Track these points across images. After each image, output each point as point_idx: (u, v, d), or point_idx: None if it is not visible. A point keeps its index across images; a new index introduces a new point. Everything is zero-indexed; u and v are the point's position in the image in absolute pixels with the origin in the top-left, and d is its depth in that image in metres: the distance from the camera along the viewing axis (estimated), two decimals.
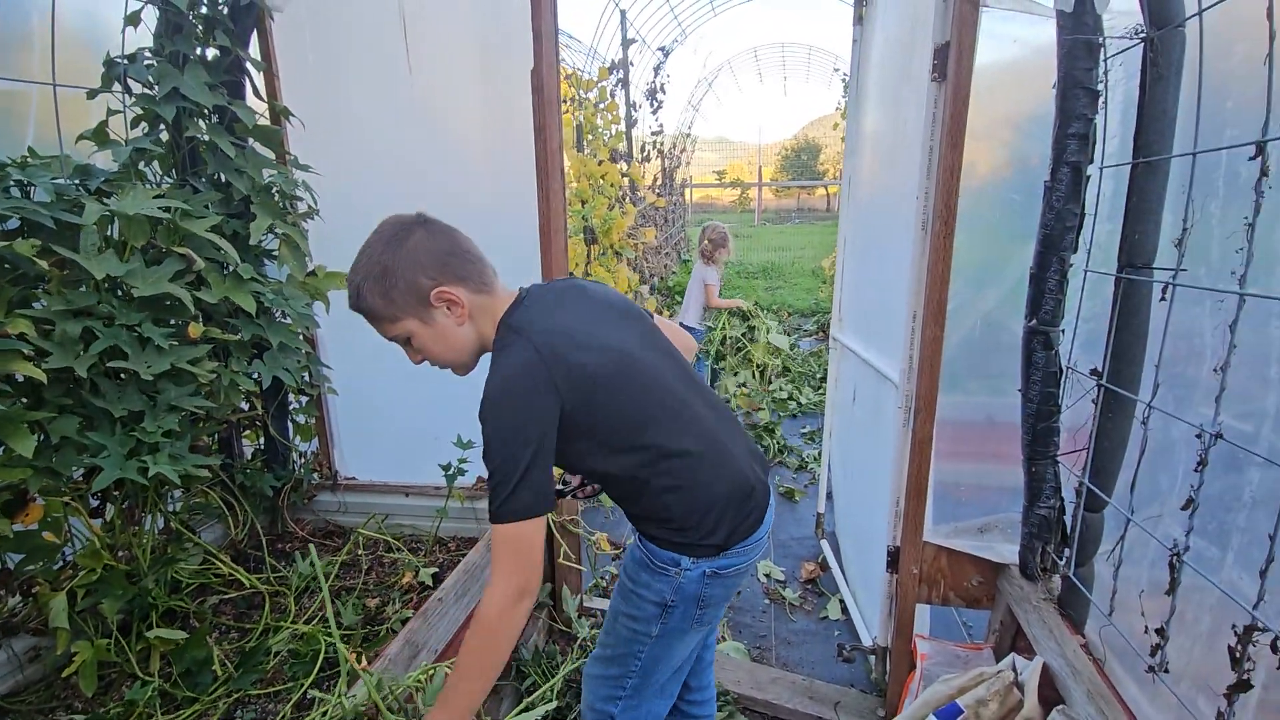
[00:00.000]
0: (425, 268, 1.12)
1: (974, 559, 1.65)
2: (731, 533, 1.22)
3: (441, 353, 1.19)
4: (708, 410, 1.26)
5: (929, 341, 1.53)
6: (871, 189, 2.17)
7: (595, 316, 1.21)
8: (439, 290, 1.13)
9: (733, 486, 1.23)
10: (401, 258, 1.12)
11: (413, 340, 1.17)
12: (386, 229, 1.16)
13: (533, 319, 1.15)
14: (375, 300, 1.13)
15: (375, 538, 2.09)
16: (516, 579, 1.04)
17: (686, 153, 6.10)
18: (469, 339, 1.19)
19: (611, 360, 1.15)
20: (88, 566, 1.51)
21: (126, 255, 1.44)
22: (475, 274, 1.17)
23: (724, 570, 1.24)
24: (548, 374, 1.08)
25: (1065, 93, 1.30)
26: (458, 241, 1.18)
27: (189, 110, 1.63)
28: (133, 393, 1.44)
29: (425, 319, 1.15)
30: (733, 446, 1.26)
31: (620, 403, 1.14)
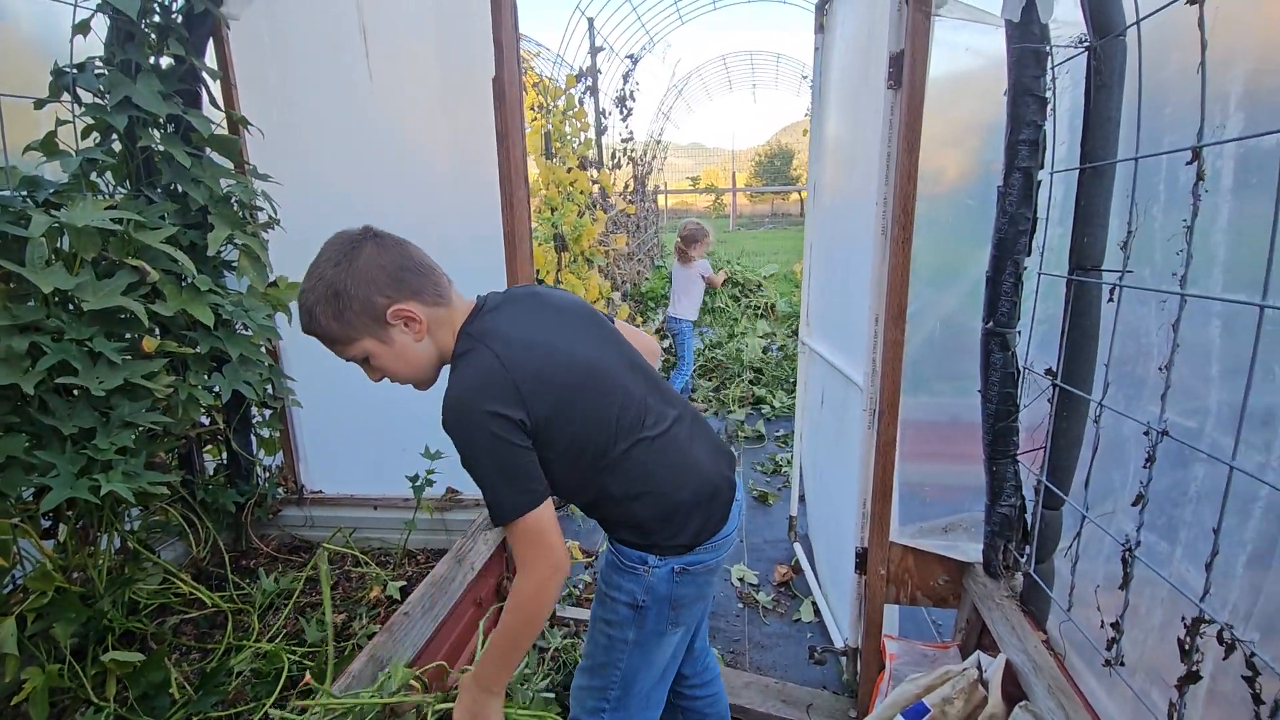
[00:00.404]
0: (379, 285, 1.10)
1: (940, 558, 1.67)
2: (699, 532, 1.23)
3: (401, 370, 1.18)
4: (671, 411, 1.26)
5: (890, 344, 1.55)
6: (835, 194, 2.20)
7: (555, 324, 1.21)
8: (395, 308, 1.11)
9: (698, 489, 1.24)
10: (353, 276, 1.09)
11: (371, 360, 1.15)
12: (334, 247, 1.13)
13: (492, 327, 1.15)
14: (329, 323, 1.11)
15: (342, 552, 2.06)
16: (541, 566, 1.08)
17: (658, 159, 6.14)
18: (428, 354, 1.18)
19: (572, 368, 1.15)
20: (38, 590, 1.46)
21: (76, 268, 1.41)
22: (430, 287, 1.16)
23: (693, 567, 1.25)
24: (509, 379, 1.08)
25: (1015, 100, 1.33)
26: (409, 254, 1.16)
27: (142, 120, 1.60)
28: (84, 409, 1.40)
29: (382, 338, 1.13)
30: (697, 448, 1.27)
31: (582, 411, 1.14)
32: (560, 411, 1.12)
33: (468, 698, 1.16)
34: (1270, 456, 0.89)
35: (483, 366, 1.09)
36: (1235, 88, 0.95)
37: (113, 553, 1.70)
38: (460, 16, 1.75)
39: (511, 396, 1.07)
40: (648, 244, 6.72)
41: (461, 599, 1.75)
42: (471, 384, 1.08)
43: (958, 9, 1.42)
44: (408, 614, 1.49)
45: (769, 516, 3.18)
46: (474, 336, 1.14)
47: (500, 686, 1.17)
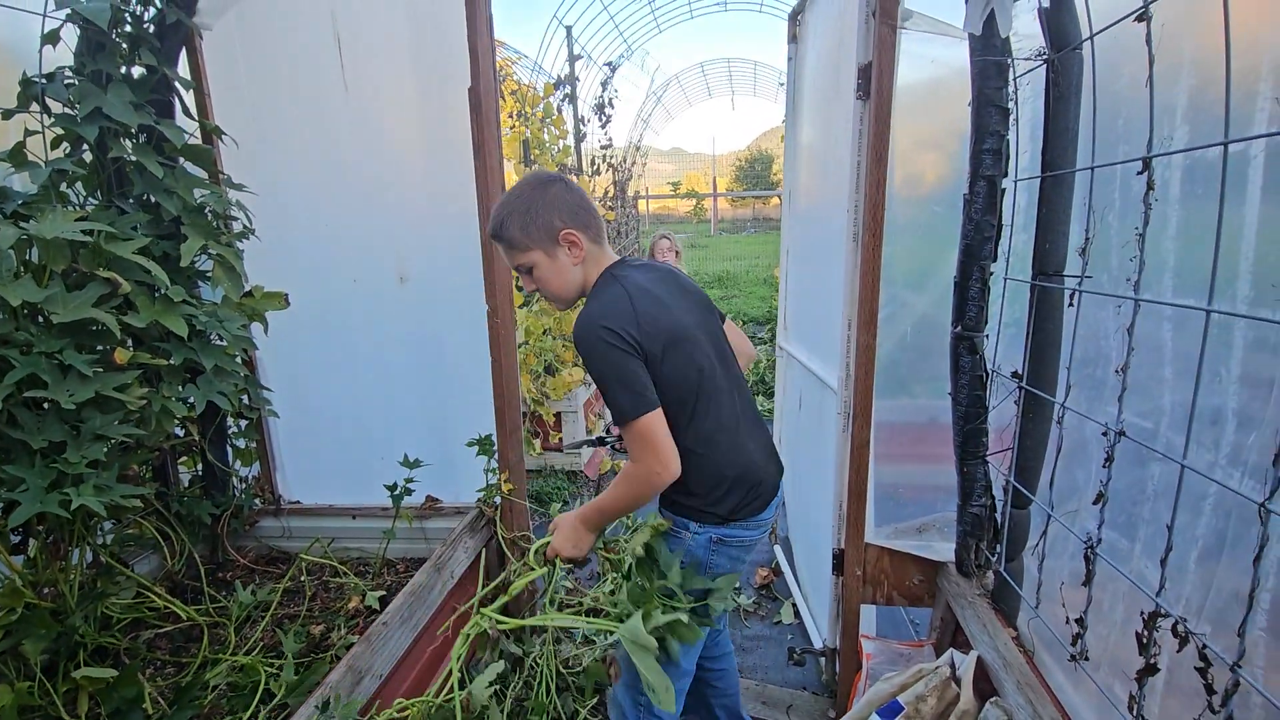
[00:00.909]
0: (560, 212, 1.36)
1: (914, 558, 1.70)
2: (736, 507, 1.40)
3: (555, 282, 1.40)
4: (741, 406, 1.46)
5: (863, 349, 1.58)
6: (809, 201, 2.24)
7: (678, 296, 1.43)
8: (567, 231, 1.36)
9: (744, 471, 1.41)
10: (544, 199, 1.35)
11: (534, 270, 1.38)
12: (534, 177, 1.40)
13: (630, 274, 1.39)
14: (515, 230, 1.36)
15: (320, 562, 2.05)
16: (647, 464, 1.28)
17: (638, 165, 6.18)
18: (577, 278, 1.41)
19: (680, 331, 1.35)
20: (6, 606, 1.44)
21: (45, 280, 1.39)
22: (595, 227, 1.41)
23: (728, 539, 1.42)
24: (633, 312, 1.30)
25: (979, 110, 1.37)
26: (586, 200, 1.42)
27: (113, 130, 1.59)
28: (53, 423, 1.39)
29: (550, 253, 1.37)
30: (750, 441, 1.45)
31: (676, 365, 1.33)
32: (662, 359, 1.31)
33: (568, 527, 1.44)
34: (1219, 455, 0.93)
35: (616, 295, 1.33)
36: (1181, 100, 0.99)
37: (84, 567, 1.68)
38: (436, 27, 1.76)
39: (631, 324, 1.29)
40: (628, 249, 6.74)
41: (441, 608, 1.75)
42: (605, 307, 1.32)
43: (923, 22, 1.46)
44: (386, 624, 1.49)
45: None
46: (614, 275, 1.39)
47: (597, 527, 1.44)
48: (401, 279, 1.98)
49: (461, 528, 1.97)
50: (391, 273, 1.97)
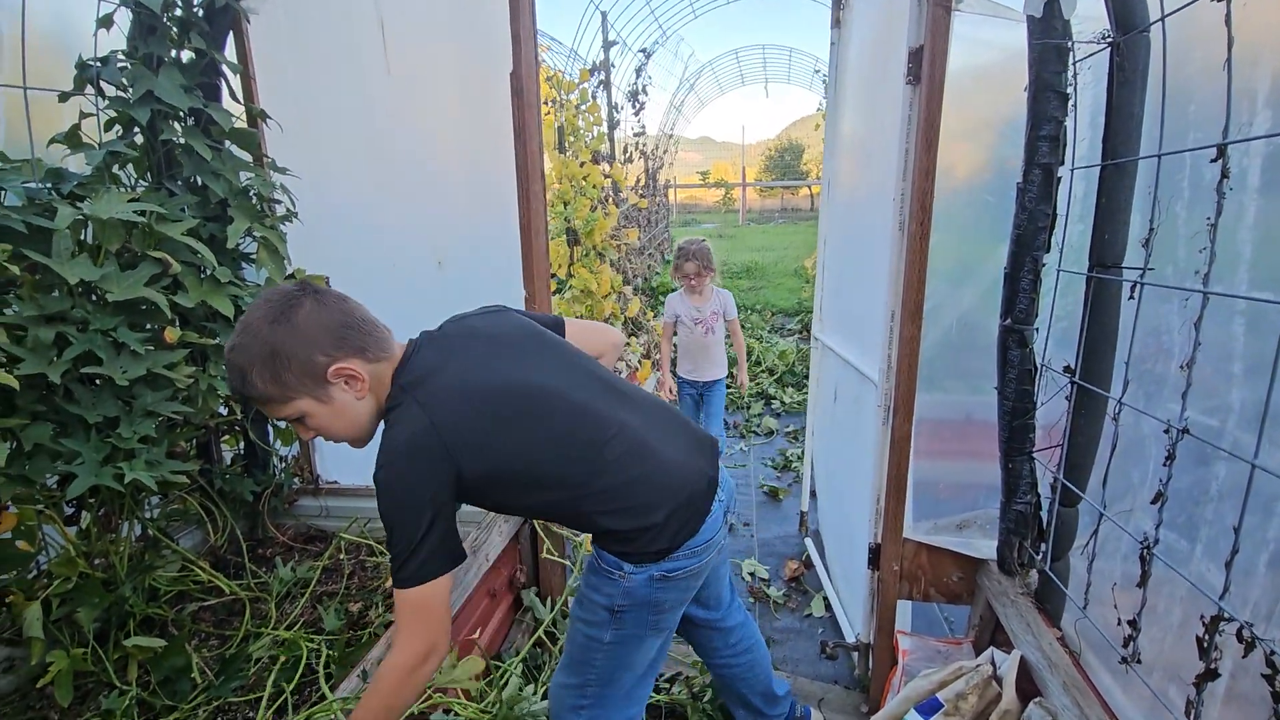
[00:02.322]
0: (319, 344, 1.05)
1: (954, 555, 1.67)
2: (675, 536, 1.19)
3: (338, 428, 1.12)
4: (635, 417, 1.22)
5: (906, 341, 1.55)
6: (850, 190, 2.20)
7: (490, 356, 1.17)
8: (337, 367, 1.06)
9: (673, 494, 1.19)
10: (292, 335, 1.04)
11: (306, 420, 1.09)
12: (267, 304, 1.07)
13: (421, 375, 1.11)
14: (265, 385, 1.04)
15: (357, 542, 2.08)
16: (422, 642, 1.03)
17: (669, 153, 6.12)
18: (368, 410, 1.13)
19: (511, 402, 1.11)
20: (62, 575, 1.49)
21: (101, 260, 1.42)
22: (373, 344, 1.11)
23: (673, 574, 1.20)
24: (439, 439, 1.04)
25: (1036, 96, 1.32)
26: (350, 310, 1.11)
27: (164, 113, 1.62)
28: (107, 398, 1.42)
29: (321, 397, 1.07)
30: (667, 451, 1.22)
31: (528, 445, 1.11)
32: (505, 453, 1.09)
33: None
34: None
35: (413, 429, 1.04)
36: (1262, 85, 0.95)
37: (133, 540, 1.73)
38: (478, 10, 1.75)
39: (441, 461, 1.04)
40: (659, 238, 6.71)
41: (475, 590, 1.76)
42: (401, 449, 1.03)
43: (978, 4, 1.41)
44: None
45: (779, 512, 3.18)
46: (403, 388, 1.09)
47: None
48: (440, 263, 1.99)
49: (495, 513, 1.98)
50: (429, 257, 1.98)
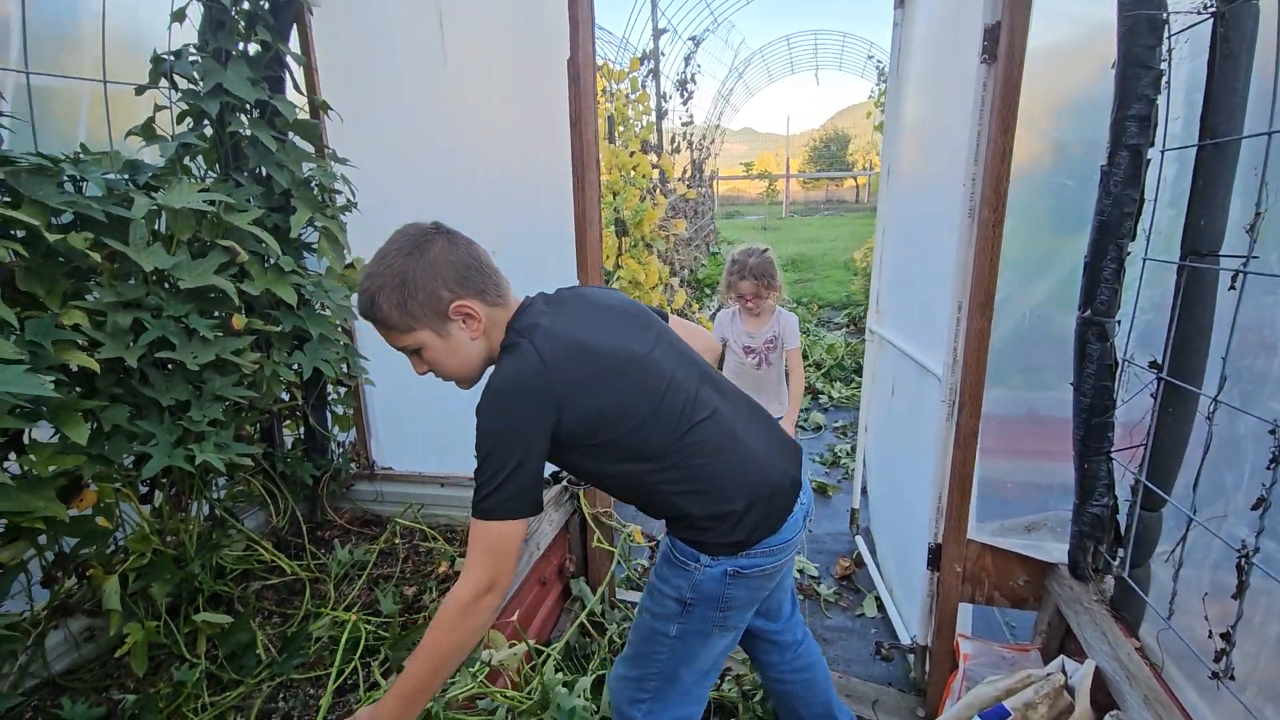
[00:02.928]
0: (446, 280, 1.10)
1: (1021, 558, 1.60)
2: (754, 530, 1.17)
3: (451, 365, 1.16)
4: (726, 406, 1.22)
5: (975, 334, 1.48)
6: (912, 177, 2.12)
7: (600, 320, 1.19)
8: (458, 304, 1.11)
9: (754, 486, 1.18)
10: (422, 268, 1.09)
11: (423, 352, 1.14)
12: (405, 237, 1.13)
13: (538, 323, 1.13)
14: (390, 310, 1.10)
15: (412, 527, 2.12)
16: (486, 576, 1.03)
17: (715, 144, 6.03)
18: (479, 352, 1.17)
19: (615, 365, 1.12)
20: (138, 551, 1.55)
21: (173, 248, 1.47)
22: (492, 287, 1.16)
23: (746, 570, 1.19)
24: (548, 382, 1.06)
25: (1125, 72, 1.24)
26: (476, 254, 1.16)
27: (232, 105, 1.66)
28: (179, 382, 1.47)
29: (440, 331, 1.13)
30: (754, 444, 1.22)
31: (625, 410, 1.12)
32: (602, 412, 1.10)
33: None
34: None
35: (524, 365, 1.07)
36: None
37: (201, 519, 1.79)
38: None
39: (547, 399, 1.06)
40: (704, 230, 6.64)
41: (527, 578, 1.77)
42: (511, 381, 1.06)
43: None
44: None
45: (829, 508, 3.12)
46: (520, 332, 1.13)
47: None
48: (494, 253, 1.99)
49: (547, 500, 1.99)
50: (486, 245, 1.98)
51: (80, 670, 1.55)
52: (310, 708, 1.43)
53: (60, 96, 1.67)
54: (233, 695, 1.45)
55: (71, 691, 1.45)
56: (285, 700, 1.45)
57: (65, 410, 1.24)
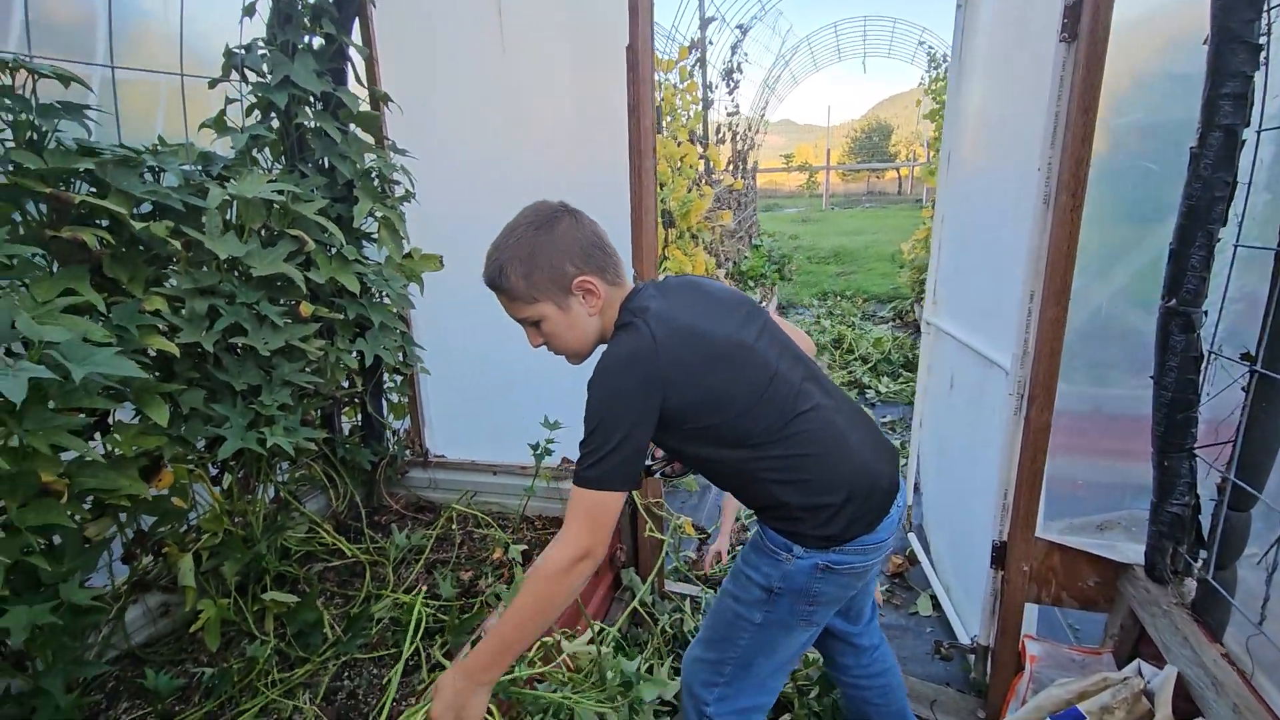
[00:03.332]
0: (571, 255, 1.14)
1: (1091, 558, 1.55)
2: (849, 525, 1.17)
3: (567, 339, 1.20)
4: (828, 401, 1.22)
5: (1049, 324, 1.43)
6: (976, 163, 2.05)
7: (710, 307, 1.20)
8: (581, 279, 1.14)
9: (853, 481, 1.18)
10: (550, 243, 1.13)
11: (542, 324, 1.18)
12: (534, 213, 1.17)
13: (651, 306, 1.15)
14: (517, 281, 1.14)
15: (465, 513, 2.15)
16: (584, 542, 1.05)
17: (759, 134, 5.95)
18: (595, 328, 1.21)
19: (723, 351, 1.14)
20: (210, 530, 1.60)
21: (245, 237, 1.51)
22: (612, 267, 1.20)
23: (838, 566, 1.19)
24: (658, 363, 1.08)
25: (1220, 48, 1.18)
26: (600, 234, 1.20)
27: (298, 97, 1.69)
28: (251, 367, 1.51)
29: (562, 305, 1.16)
30: (855, 441, 1.22)
31: (729, 395, 1.13)
32: (708, 398, 1.11)
33: (449, 690, 1.06)
34: None
35: (637, 344, 1.10)
36: None
37: (267, 502, 1.85)
38: None
39: (655, 383, 1.08)
40: (746, 222, 6.57)
41: None
42: (624, 358, 1.09)
43: None
44: None
45: None
46: (634, 312, 1.15)
47: (492, 678, 1.08)
48: None
49: None
50: None
51: (156, 644, 1.61)
52: (374, 686, 1.47)
53: (136, 91, 1.73)
54: (300, 672, 1.49)
55: (149, 663, 1.51)
56: (350, 679, 1.49)
57: (148, 393, 1.29)
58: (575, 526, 1.05)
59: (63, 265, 1.23)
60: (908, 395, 4.43)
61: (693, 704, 1.32)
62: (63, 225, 1.21)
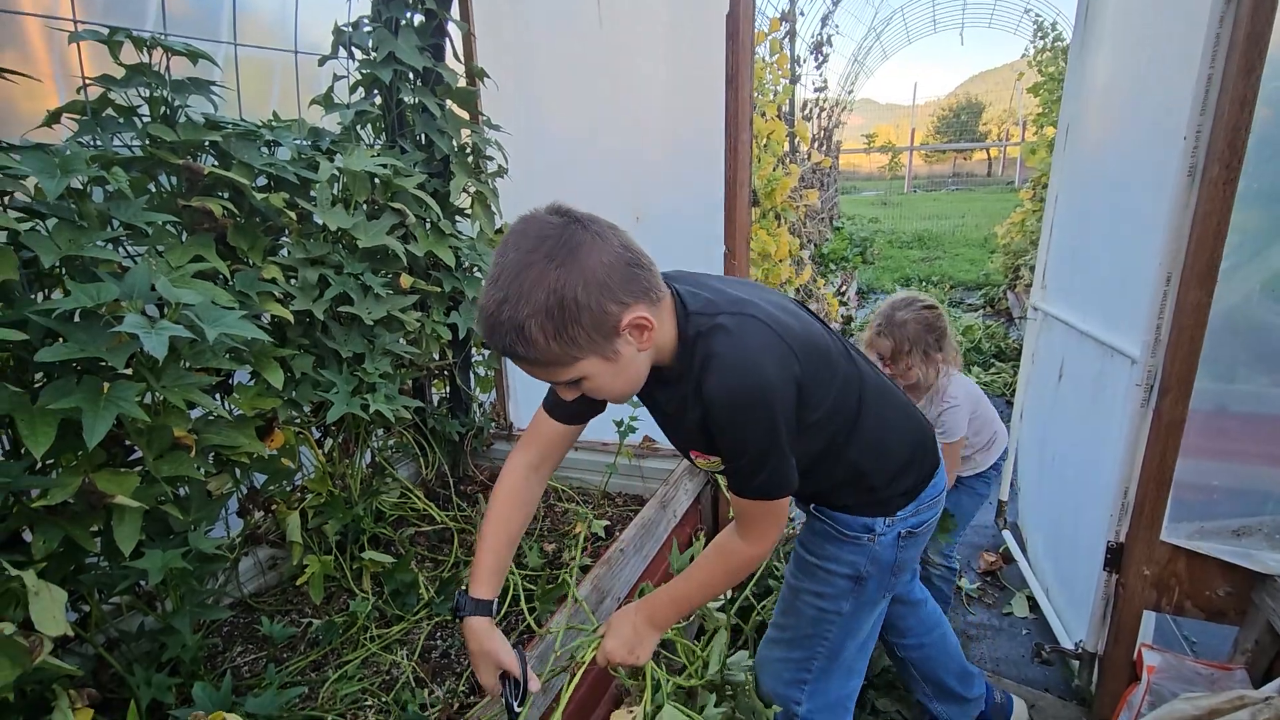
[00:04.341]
0: (610, 290, 0.85)
1: (1224, 565, 1.42)
2: (919, 479, 1.19)
3: (617, 388, 0.95)
4: (868, 368, 1.18)
5: (1190, 309, 1.30)
6: (1102, 136, 1.89)
7: (754, 289, 1.10)
8: (632, 317, 0.87)
9: (914, 436, 1.20)
10: (579, 280, 0.83)
11: (584, 383, 0.92)
12: (539, 240, 0.84)
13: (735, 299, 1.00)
14: (548, 342, 0.84)
15: (548, 487, 2.18)
16: (769, 542, 1.07)
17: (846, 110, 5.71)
18: (646, 363, 0.96)
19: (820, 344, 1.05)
20: (316, 490, 1.68)
21: (351, 210, 1.56)
22: (656, 281, 0.93)
23: (917, 529, 1.21)
24: (787, 346, 0.95)
25: None
26: (628, 243, 0.90)
27: (402, 73, 1.73)
28: (355, 336, 1.57)
29: (608, 354, 0.89)
30: (900, 399, 1.22)
31: (829, 372, 1.05)
32: (816, 375, 1.02)
33: (627, 627, 1.12)
34: None
35: (761, 339, 0.94)
36: None
37: (364, 467, 1.93)
38: None
39: (791, 366, 0.95)
40: (829, 203, 6.35)
41: (664, 543, 1.78)
42: (755, 359, 0.92)
43: None
44: (623, 550, 1.54)
45: None
46: (723, 310, 0.96)
47: (667, 626, 1.15)
48: (637, 218, 1.99)
49: (681, 469, 1.98)
50: (629, 212, 1.98)
51: (265, 594, 1.71)
52: (465, 649, 1.51)
53: (257, 67, 1.80)
54: (396, 629, 1.55)
55: (260, 612, 1.60)
56: (442, 639, 1.54)
57: (265, 356, 1.35)
58: (761, 530, 1.05)
59: (191, 234, 1.31)
60: (999, 387, 4.20)
61: (782, 707, 1.27)
62: (193, 195, 1.28)
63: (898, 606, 1.50)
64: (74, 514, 1.05)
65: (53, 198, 0.98)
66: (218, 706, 1.05)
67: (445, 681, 1.41)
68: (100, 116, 1.23)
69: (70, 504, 1.04)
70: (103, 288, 0.97)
